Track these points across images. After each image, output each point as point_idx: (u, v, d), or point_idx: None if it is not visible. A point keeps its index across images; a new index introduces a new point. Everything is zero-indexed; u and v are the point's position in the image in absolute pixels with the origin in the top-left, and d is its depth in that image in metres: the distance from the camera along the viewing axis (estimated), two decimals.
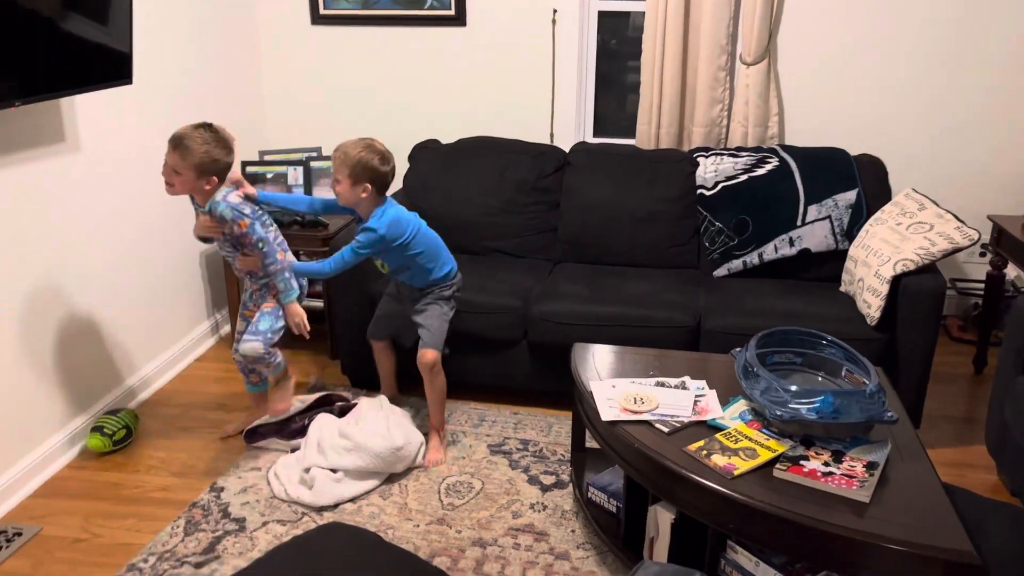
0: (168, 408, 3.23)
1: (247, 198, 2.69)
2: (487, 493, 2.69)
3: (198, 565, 2.34)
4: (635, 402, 2.23)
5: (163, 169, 2.58)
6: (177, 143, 2.52)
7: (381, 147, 2.68)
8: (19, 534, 2.47)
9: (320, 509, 2.60)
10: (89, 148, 2.90)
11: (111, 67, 2.71)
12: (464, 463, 2.86)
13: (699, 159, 3.48)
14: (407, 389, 3.26)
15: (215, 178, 2.59)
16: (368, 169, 2.63)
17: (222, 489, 2.70)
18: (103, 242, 3.02)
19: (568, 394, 3.07)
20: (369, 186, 2.65)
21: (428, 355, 2.82)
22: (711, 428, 2.13)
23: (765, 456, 1.98)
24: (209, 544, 2.43)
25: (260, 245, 2.66)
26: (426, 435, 2.91)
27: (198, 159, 2.53)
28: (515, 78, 3.92)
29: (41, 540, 2.46)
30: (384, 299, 3.05)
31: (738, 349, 2.33)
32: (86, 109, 2.87)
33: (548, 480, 2.76)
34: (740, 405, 2.21)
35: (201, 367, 3.59)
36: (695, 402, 2.23)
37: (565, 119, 3.94)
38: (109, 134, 3.02)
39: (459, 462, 2.86)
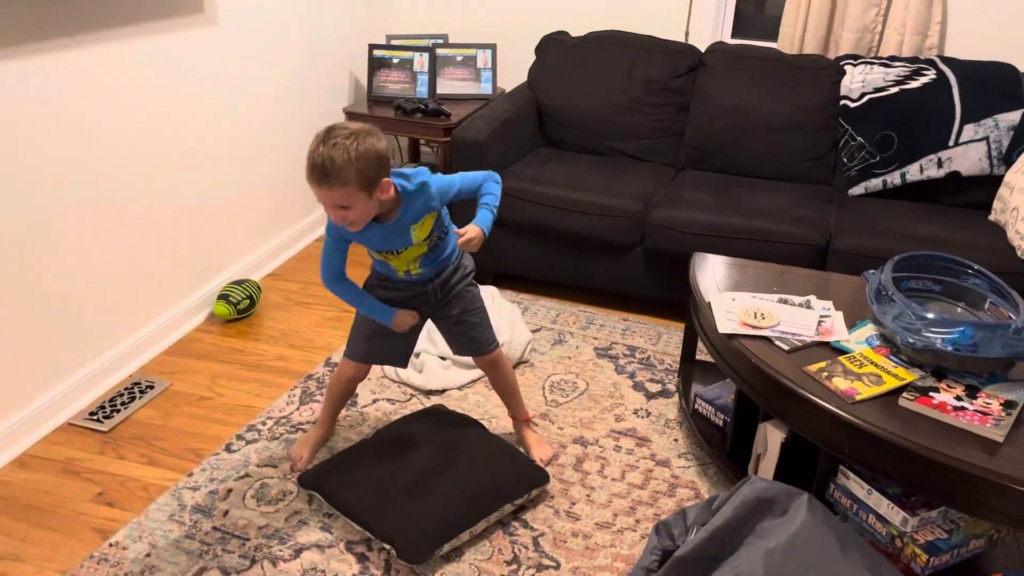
0: (288, 283, 3.35)
1: None
2: (591, 394, 2.69)
3: None
4: (755, 317, 2.15)
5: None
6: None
7: (357, 124, 1.87)
8: (151, 386, 2.65)
9: (428, 392, 2.67)
10: (226, 21, 2.93)
11: None
12: (569, 363, 2.86)
13: (846, 67, 3.23)
14: (510, 284, 3.27)
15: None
16: (376, 156, 1.82)
17: (336, 365, 2.80)
18: (232, 116, 3.08)
19: (680, 305, 3.02)
20: (387, 179, 1.88)
21: (495, 353, 2.28)
22: (834, 350, 2.04)
23: (891, 384, 1.88)
24: None
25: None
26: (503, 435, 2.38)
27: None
28: None
29: (171, 394, 2.63)
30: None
31: (871, 271, 2.20)
32: None
33: (654, 388, 2.73)
34: (868, 329, 2.10)
35: (319, 247, 3.68)
36: (819, 322, 2.13)
37: (703, 17, 3.72)
38: (247, 7, 3.04)
39: (564, 362, 2.86)
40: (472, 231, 2.03)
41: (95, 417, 2.48)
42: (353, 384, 2.34)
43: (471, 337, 2.24)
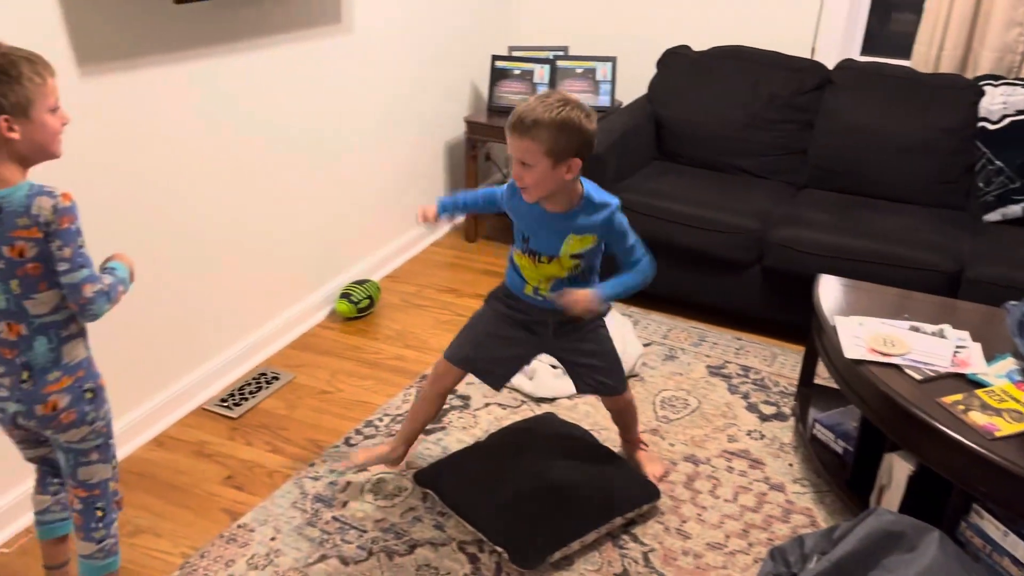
0: (405, 285, 3.44)
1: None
2: (703, 412, 2.66)
3: (426, 432, 2.52)
4: (884, 344, 2.09)
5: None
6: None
7: (577, 99, 1.83)
8: (276, 378, 2.77)
9: (538, 400, 2.70)
10: (361, 31, 3.05)
11: None
12: (681, 379, 2.84)
13: (986, 88, 3.10)
14: (628, 298, 3.27)
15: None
16: (578, 132, 1.79)
17: None
18: (358, 120, 3.20)
19: (796, 326, 2.96)
20: (578, 160, 1.84)
21: (626, 396, 2.23)
22: (970, 383, 1.96)
23: None
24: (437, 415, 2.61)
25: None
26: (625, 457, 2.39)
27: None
28: None
29: (294, 386, 2.74)
30: (496, 318, 2.14)
31: (1014, 303, 2.11)
32: None
33: (768, 410, 2.68)
34: (1008, 363, 2.01)
35: (436, 251, 3.79)
36: (954, 353, 2.05)
37: (831, 33, 3.63)
38: (380, 19, 3.15)
39: (676, 378, 2.84)
40: (584, 293, 1.93)
41: (225, 404, 2.62)
42: (442, 390, 2.22)
43: (599, 381, 2.14)
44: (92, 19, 2.04)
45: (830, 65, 3.42)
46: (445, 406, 2.64)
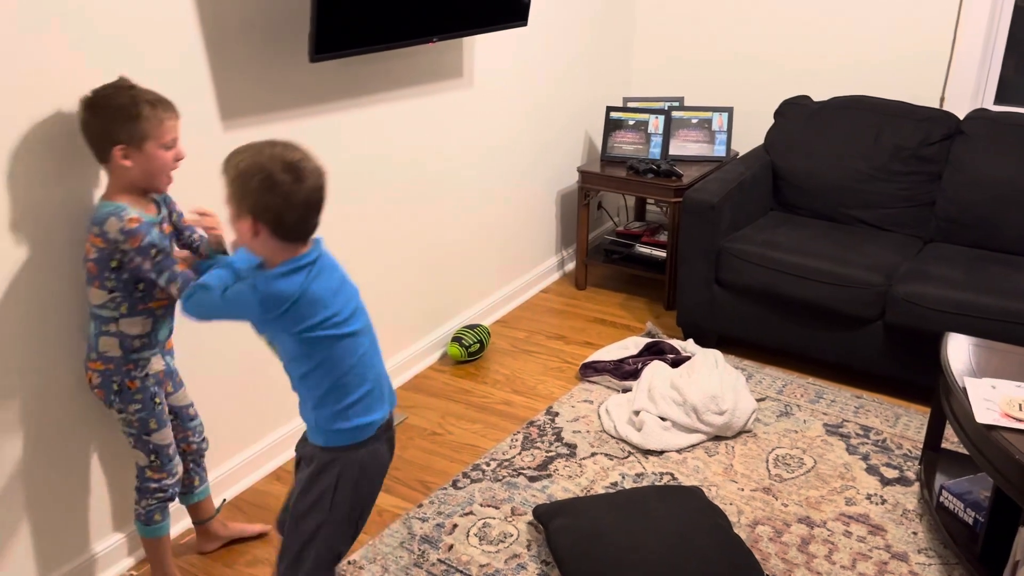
0: (514, 331, 3.49)
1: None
2: (819, 473, 2.56)
3: (532, 479, 2.53)
4: (1020, 409, 1.96)
5: None
6: None
7: (295, 153, 1.55)
8: None
9: (646, 452, 2.66)
10: (481, 85, 3.17)
11: (512, 9, 2.91)
12: (796, 437, 2.74)
13: None
14: (734, 349, 3.20)
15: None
16: (255, 189, 1.52)
17: (557, 414, 2.87)
18: (477, 171, 3.30)
19: (920, 386, 2.83)
20: (256, 224, 1.55)
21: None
22: None
23: None
24: (543, 462, 2.61)
25: None
26: None
27: None
28: (904, 32, 3.54)
29: (406, 427, 2.81)
30: None
31: None
32: (482, 48, 3.12)
33: (890, 474, 2.55)
34: None
35: (545, 298, 3.82)
36: None
37: (962, 82, 3.50)
38: (498, 73, 3.26)
39: (791, 435, 2.75)
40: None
41: None
42: None
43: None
44: (236, 77, 2.21)
45: (961, 115, 3.29)
46: (551, 453, 2.64)
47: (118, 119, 1.72)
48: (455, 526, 2.33)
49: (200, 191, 2.06)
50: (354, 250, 2.75)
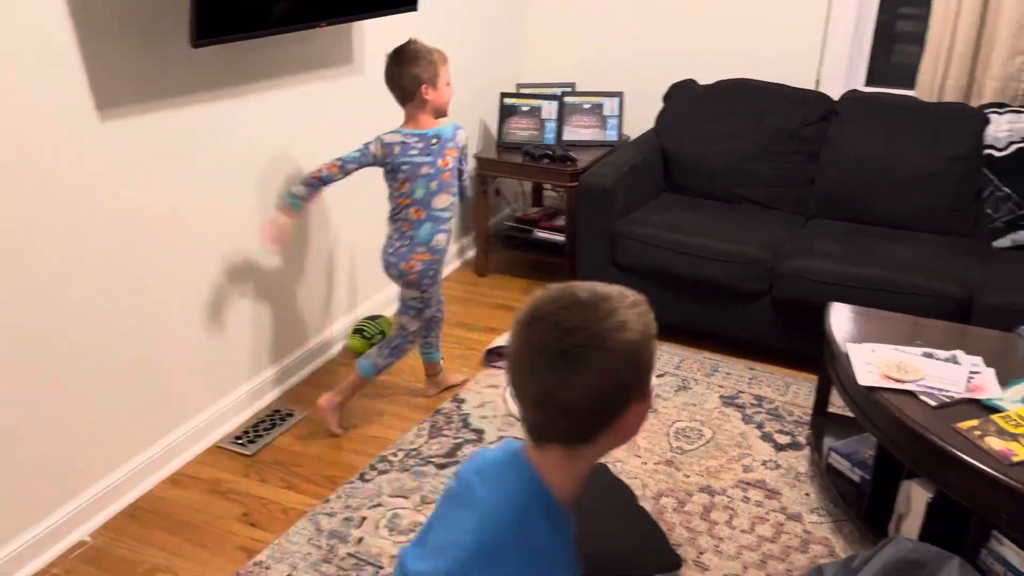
0: None
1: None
2: (717, 443, 2.66)
3: (441, 466, 2.52)
4: (898, 370, 2.09)
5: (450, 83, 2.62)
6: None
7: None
8: (291, 415, 2.78)
9: None
10: (371, 71, 3.11)
11: None
12: (694, 410, 2.83)
13: (991, 116, 3.12)
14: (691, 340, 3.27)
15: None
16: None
17: (463, 401, 2.87)
18: None
19: (808, 355, 2.96)
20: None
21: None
22: (986, 409, 1.95)
23: None
24: (450, 449, 2.61)
25: None
26: None
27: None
28: (781, 19, 3.69)
29: (308, 423, 2.75)
30: None
31: None
32: (372, 34, 3.07)
33: (783, 439, 2.67)
34: (1023, 388, 2.00)
35: (447, 286, 3.75)
36: (968, 378, 2.05)
37: (835, 65, 3.67)
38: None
39: (689, 408, 2.84)
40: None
41: (240, 441, 2.63)
42: None
43: None
44: (113, 64, 2.09)
45: (835, 96, 3.46)
46: (459, 440, 2.64)
47: None
48: (364, 518, 2.30)
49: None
50: (249, 241, 2.66)
